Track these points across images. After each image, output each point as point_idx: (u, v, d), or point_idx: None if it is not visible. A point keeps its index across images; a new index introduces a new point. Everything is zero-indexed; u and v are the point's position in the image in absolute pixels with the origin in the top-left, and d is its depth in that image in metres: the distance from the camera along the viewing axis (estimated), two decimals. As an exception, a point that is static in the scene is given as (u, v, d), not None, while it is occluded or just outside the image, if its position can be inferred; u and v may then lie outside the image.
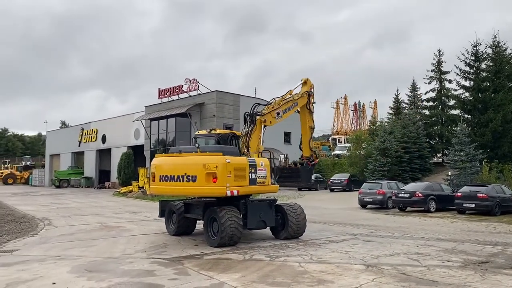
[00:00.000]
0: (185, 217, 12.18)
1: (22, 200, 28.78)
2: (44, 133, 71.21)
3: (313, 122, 14.65)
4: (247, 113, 12.44)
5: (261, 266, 8.30)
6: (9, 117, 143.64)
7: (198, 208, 11.67)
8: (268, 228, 11.81)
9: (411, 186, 21.81)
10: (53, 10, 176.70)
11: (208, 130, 13.10)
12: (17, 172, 59.91)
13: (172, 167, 10.75)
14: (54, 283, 7.04)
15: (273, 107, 12.66)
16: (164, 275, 7.61)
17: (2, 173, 58.43)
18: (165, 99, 39.01)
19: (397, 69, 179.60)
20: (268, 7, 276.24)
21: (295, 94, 13.59)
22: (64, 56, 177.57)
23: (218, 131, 13.08)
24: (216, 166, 10.00)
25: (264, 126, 12.27)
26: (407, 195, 20.44)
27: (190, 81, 36.74)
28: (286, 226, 11.55)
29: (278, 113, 12.74)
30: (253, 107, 12.52)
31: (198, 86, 36.50)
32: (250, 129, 11.93)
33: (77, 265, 8.51)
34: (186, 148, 11.54)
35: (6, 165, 62.75)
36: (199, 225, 12.13)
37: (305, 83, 14.13)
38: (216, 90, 35.79)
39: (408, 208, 20.94)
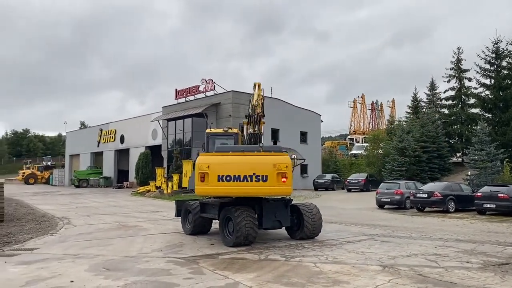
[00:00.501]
0: (201, 217, 12.25)
1: (42, 199, 29.35)
2: (64, 133, 72.60)
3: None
4: (257, 113, 12.56)
5: (276, 266, 8.29)
6: (31, 118, 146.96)
7: (213, 207, 11.71)
8: (283, 228, 11.77)
9: (430, 186, 21.51)
10: (76, 15, 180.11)
11: (225, 129, 12.99)
12: (38, 172, 61.05)
13: (236, 166, 10.26)
14: (72, 281, 7.15)
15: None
16: (179, 274, 7.66)
17: (24, 173, 59.64)
18: (182, 100, 39.34)
19: (417, 68, 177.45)
20: (286, 7, 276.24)
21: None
22: (85, 58, 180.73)
23: (235, 130, 13.04)
24: (286, 166, 10.20)
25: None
26: (426, 195, 20.16)
27: (206, 81, 36.96)
28: (301, 226, 11.49)
29: None
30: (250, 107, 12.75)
31: (214, 87, 36.71)
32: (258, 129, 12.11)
33: (94, 263, 8.64)
34: (247, 147, 11.20)
35: (27, 165, 63.98)
36: (215, 224, 12.17)
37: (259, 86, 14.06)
38: (232, 90, 35.90)
39: (427, 209, 20.64)
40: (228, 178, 10.17)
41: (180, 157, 34.56)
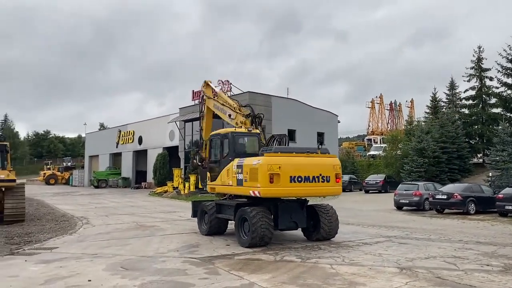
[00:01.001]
0: (217, 218, 12.29)
1: (62, 199, 29.87)
2: (83, 135, 73.80)
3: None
4: (253, 114, 12.88)
5: (292, 267, 8.25)
6: (52, 120, 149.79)
7: (229, 208, 11.74)
8: (299, 229, 11.72)
9: (449, 187, 21.13)
10: (96, 18, 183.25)
11: (250, 129, 12.67)
12: (59, 173, 62.11)
13: (305, 167, 10.35)
14: (90, 280, 7.25)
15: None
16: (195, 274, 7.69)
17: (44, 173, 60.75)
18: (198, 101, 39.54)
19: (437, 68, 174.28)
20: (304, 7, 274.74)
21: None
22: (105, 60, 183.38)
23: (257, 130, 12.79)
24: (340, 167, 11.01)
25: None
26: (445, 197, 19.81)
27: (222, 82, 37.02)
28: (318, 227, 11.41)
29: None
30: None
31: (231, 88, 36.72)
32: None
33: (112, 263, 8.74)
34: (310, 149, 11.14)
35: (48, 166, 65.17)
36: (232, 225, 12.19)
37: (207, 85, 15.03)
38: (248, 91, 35.90)
39: (446, 210, 20.27)
40: (299, 179, 10.26)
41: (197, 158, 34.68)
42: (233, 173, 11.09)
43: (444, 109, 39.09)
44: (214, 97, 14.43)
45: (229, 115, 13.35)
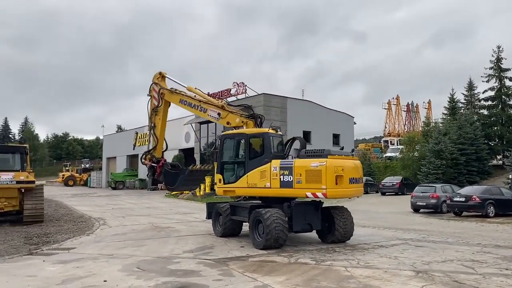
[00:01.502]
0: (232, 219, 12.30)
1: (80, 201, 30.33)
2: (101, 137, 74.85)
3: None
4: (257, 114, 13.26)
5: (306, 270, 8.22)
6: (70, 122, 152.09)
7: (244, 210, 11.75)
8: (314, 231, 11.67)
9: (468, 190, 20.75)
10: (117, 21, 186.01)
11: (277, 130, 12.55)
12: (77, 174, 63.11)
13: (355, 169, 10.88)
14: (105, 281, 7.35)
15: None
16: (209, 276, 7.72)
17: (63, 175, 61.81)
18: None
19: (457, 68, 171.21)
20: (323, 9, 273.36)
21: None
22: (124, 63, 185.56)
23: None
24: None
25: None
26: (463, 199, 19.47)
27: (237, 84, 37.25)
28: (333, 229, 11.34)
29: None
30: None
31: (246, 90, 36.93)
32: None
33: (127, 263, 8.84)
34: (347, 152, 11.70)
35: (67, 168, 66.27)
36: (246, 226, 12.19)
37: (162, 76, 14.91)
38: (263, 93, 35.97)
39: (464, 213, 19.93)
40: (354, 180, 10.73)
41: (212, 159, 34.86)
42: (273, 175, 10.84)
43: (462, 110, 38.46)
44: (175, 91, 14.22)
45: (218, 114, 13.18)
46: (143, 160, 15.02)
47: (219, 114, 13.15)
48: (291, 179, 10.51)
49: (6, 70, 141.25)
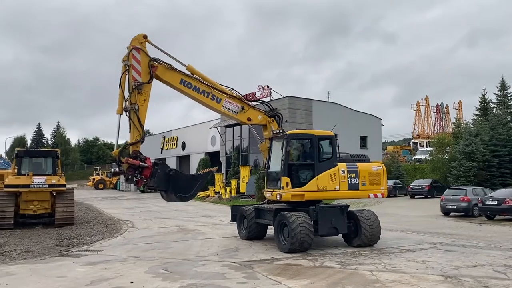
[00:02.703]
0: (256, 222, 12.31)
1: (109, 204, 30.98)
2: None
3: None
4: (277, 112, 12.83)
5: (331, 274, 8.14)
6: (101, 126, 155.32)
7: (268, 213, 11.73)
8: (340, 235, 11.55)
9: (501, 193, 20.08)
10: (147, 27, 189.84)
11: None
12: (107, 178, 64.37)
13: None
14: (132, 282, 7.49)
15: None
16: (233, 278, 7.76)
17: (94, 179, 63.23)
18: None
19: (492, 68, 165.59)
20: (353, 10, 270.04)
21: None
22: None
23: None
24: None
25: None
26: (496, 202, 18.85)
27: (263, 87, 37.25)
28: (359, 233, 11.20)
29: None
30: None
31: (271, 93, 36.86)
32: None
33: (154, 265, 8.98)
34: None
35: (97, 172, 67.84)
36: (272, 229, 12.17)
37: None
38: (288, 96, 35.88)
39: (497, 217, 19.30)
40: None
41: (238, 162, 35.05)
42: (341, 177, 11.16)
43: (494, 111, 37.30)
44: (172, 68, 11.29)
45: (240, 107, 11.91)
46: (122, 159, 10.57)
47: (242, 107, 11.92)
48: (357, 182, 11.36)
49: (40, 77, 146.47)
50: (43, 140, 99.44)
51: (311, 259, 9.59)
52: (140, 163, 10.56)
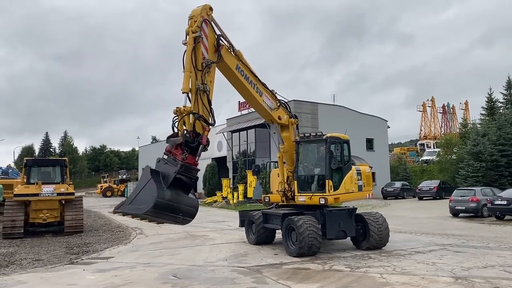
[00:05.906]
0: (264, 227, 12.32)
1: (118, 211, 31.07)
2: (137, 148, 76.68)
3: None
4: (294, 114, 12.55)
5: (341, 277, 8.13)
6: (108, 134, 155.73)
7: (276, 218, 11.74)
8: (349, 238, 11.53)
9: (510, 193, 19.91)
10: (160, 34, 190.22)
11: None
12: (115, 185, 64.64)
13: None
14: (142, 289, 7.53)
15: None
16: (243, 283, 7.77)
17: (101, 186, 63.49)
18: (245, 111, 40.01)
19: (506, 67, 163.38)
20: (367, 12, 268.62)
21: None
22: (165, 75, 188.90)
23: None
24: None
25: None
26: (505, 202, 18.71)
27: (267, 92, 37.31)
28: (367, 236, 11.17)
29: None
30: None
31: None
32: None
33: (163, 272, 9.02)
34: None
35: (105, 179, 68.15)
36: (280, 233, 12.17)
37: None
38: (294, 100, 35.88)
39: (507, 217, 19.14)
40: None
41: (244, 167, 35.06)
42: (354, 180, 11.70)
43: (501, 110, 37.08)
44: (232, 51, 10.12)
45: (278, 104, 11.50)
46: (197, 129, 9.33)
47: (278, 105, 11.51)
48: (361, 183, 11.91)
49: (52, 86, 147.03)
50: (51, 149, 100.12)
51: (320, 262, 9.59)
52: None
